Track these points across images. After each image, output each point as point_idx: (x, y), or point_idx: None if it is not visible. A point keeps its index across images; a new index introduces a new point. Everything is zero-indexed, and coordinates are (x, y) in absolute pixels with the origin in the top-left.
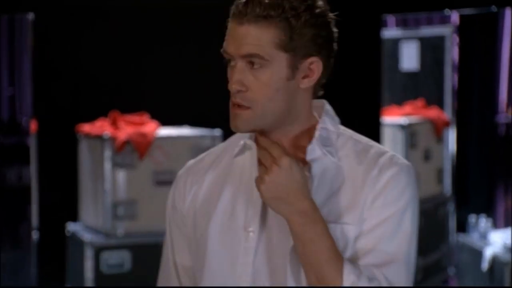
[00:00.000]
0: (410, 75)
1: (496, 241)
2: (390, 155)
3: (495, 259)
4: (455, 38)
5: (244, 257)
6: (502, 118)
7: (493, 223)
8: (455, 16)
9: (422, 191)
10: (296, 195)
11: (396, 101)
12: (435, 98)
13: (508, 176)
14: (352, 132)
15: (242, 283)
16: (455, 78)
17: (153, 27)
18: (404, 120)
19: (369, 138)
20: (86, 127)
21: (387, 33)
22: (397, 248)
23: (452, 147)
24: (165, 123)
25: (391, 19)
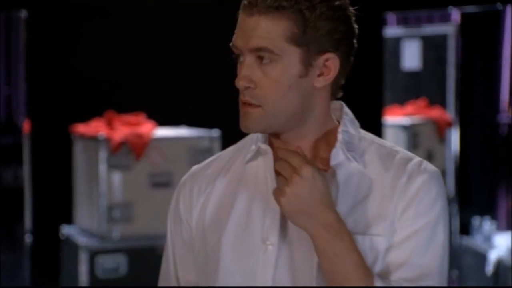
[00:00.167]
0: (412, 74)
1: (501, 244)
2: (418, 160)
3: (500, 263)
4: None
5: (262, 272)
6: (503, 118)
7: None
8: (456, 14)
9: None
10: (319, 207)
11: (397, 100)
12: (437, 98)
13: (511, 177)
14: (374, 136)
15: None
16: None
17: (149, 25)
18: (406, 121)
19: None
20: (81, 128)
21: (389, 31)
22: (430, 261)
23: (455, 147)
24: (162, 123)
25: (391, 17)
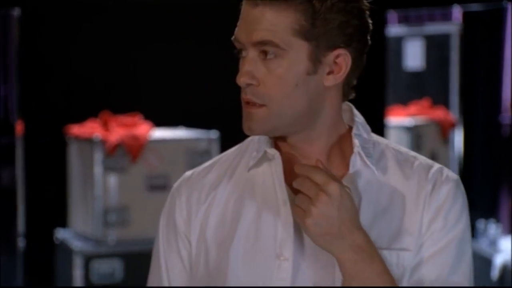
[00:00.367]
0: (415, 74)
1: (507, 248)
2: (439, 168)
3: (505, 268)
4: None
5: None
6: (505, 118)
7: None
8: (457, 13)
9: None
10: (348, 227)
11: (399, 101)
12: (440, 98)
13: None
14: (387, 140)
15: None
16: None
17: (146, 24)
18: (409, 122)
19: None
20: (76, 129)
21: (391, 30)
22: (462, 277)
23: (459, 149)
24: (159, 124)
25: (393, 15)
